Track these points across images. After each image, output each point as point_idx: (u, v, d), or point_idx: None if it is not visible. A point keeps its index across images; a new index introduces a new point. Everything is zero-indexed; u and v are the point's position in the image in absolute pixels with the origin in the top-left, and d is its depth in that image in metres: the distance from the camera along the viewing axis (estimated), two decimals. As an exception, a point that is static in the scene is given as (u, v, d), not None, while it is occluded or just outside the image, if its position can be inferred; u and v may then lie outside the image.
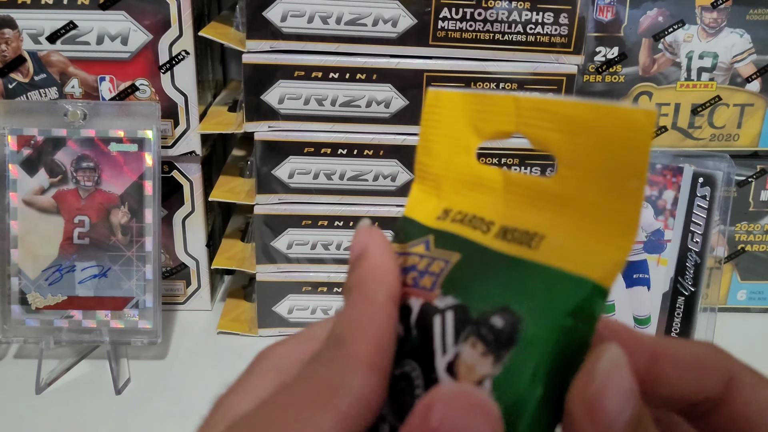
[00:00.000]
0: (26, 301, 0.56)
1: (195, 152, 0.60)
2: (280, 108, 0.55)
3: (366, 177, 0.57)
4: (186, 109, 0.59)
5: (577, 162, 0.18)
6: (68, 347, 0.58)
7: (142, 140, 0.55)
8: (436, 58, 0.54)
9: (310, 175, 0.57)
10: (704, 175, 0.55)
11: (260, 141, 0.56)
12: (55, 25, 0.56)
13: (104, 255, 0.56)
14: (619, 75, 0.59)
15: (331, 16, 0.53)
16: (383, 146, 0.56)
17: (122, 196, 0.56)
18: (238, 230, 0.67)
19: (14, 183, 0.55)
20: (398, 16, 0.53)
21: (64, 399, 0.54)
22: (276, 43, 0.53)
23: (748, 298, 0.67)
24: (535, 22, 0.53)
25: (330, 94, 0.55)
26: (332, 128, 0.56)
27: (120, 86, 0.58)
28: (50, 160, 0.55)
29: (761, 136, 0.62)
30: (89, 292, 0.56)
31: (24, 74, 0.57)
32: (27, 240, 0.56)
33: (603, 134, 0.17)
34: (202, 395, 0.55)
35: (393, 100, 0.55)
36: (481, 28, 0.54)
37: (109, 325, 0.56)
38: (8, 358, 0.58)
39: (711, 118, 0.61)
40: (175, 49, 0.57)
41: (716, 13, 0.58)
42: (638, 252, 0.57)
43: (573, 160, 0.18)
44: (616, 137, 0.17)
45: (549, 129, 0.19)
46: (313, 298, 0.61)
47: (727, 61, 0.59)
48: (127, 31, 0.56)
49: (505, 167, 0.58)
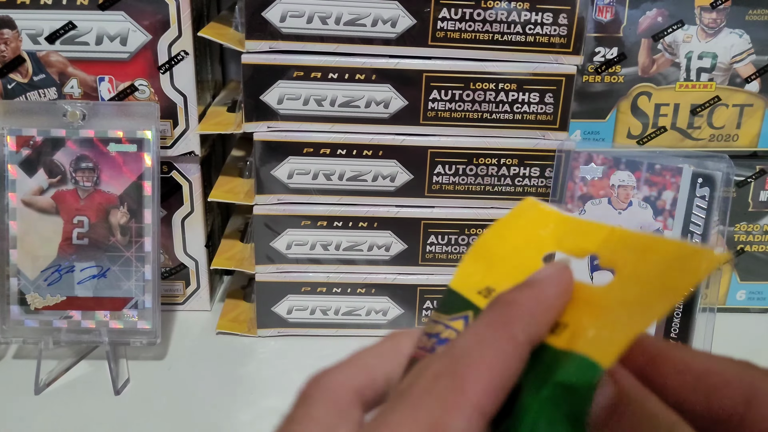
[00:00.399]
0: (25, 302, 0.56)
1: (194, 152, 0.60)
2: (279, 108, 0.55)
3: (365, 177, 0.57)
4: (185, 109, 0.58)
5: (633, 277, 0.19)
6: (67, 348, 0.58)
7: (141, 140, 0.55)
8: (436, 58, 0.54)
9: (309, 175, 0.57)
10: (703, 175, 0.55)
11: (259, 141, 0.56)
12: (54, 26, 0.55)
13: (103, 255, 0.56)
14: (618, 75, 0.59)
15: (331, 16, 0.53)
16: (382, 146, 0.56)
17: (121, 197, 0.56)
18: (237, 231, 0.67)
19: (13, 183, 0.55)
20: (397, 17, 0.53)
21: (63, 399, 0.54)
22: (275, 44, 0.53)
23: (747, 299, 0.67)
24: (534, 23, 0.53)
25: (329, 94, 0.55)
26: (331, 128, 0.56)
27: (119, 86, 0.58)
28: (49, 160, 0.55)
29: (760, 137, 0.62)
30: (88, 292, 0.56)
31: (23, 75, 0.57)
32: (26, 240, 0.55)
33: (667, 259, 0.18)
34: (201, 396, 0.55)
35: (392, 101, 0.55)
36: (480, 28, 0.54)
37: (108, 325, 0.56)
38: (7, 359, 0.58)
39: (710, 119, 0.61)
40: (175, 49, 0.57)
41: (715, 14, 0.58)
42: (637, 252, 0.57)
43: (630, 276, 0.19)
44: (676, 267, 0.18)
45: (624, 250, 0.20)
46: (312, 298, 0.61)
47: (727, 61, 0.59)
48: (126, 31, 0.56)
49: (504, 167, 0.58)
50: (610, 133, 0.60)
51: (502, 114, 0.56)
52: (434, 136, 0.57)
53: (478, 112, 0.56)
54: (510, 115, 0.56)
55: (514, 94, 0.56)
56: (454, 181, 0.58)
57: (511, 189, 0.58)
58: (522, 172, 0.58)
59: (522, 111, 0.56)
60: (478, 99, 0.56)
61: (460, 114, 0.56)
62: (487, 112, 0.56)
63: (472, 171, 0.58)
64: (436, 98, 0.55)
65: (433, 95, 0.55)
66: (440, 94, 0.55)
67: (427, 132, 0.56)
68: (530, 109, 0.56)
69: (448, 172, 0.57)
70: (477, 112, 0.56)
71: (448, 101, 0.55)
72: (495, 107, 0.56)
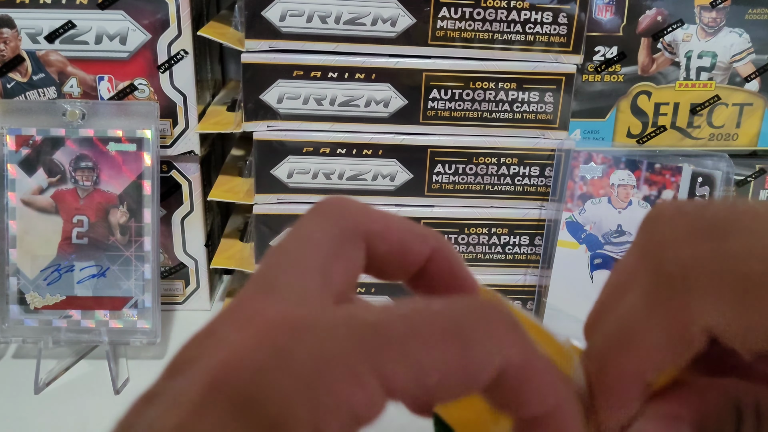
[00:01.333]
0: (25, 301, 0.56)
1: (194, 152, 0.60)
2: (279, 107, 0.55)
3: (365, 176, 0.57)
4: (185, 108, 0.58)
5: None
6: (67, 347, 0.58)
7: (140, 140, 0.55)
8: (435, 57, 0.54)
9: (309, 174, 0.57)
10: (703, 174, 0.55)
11: (259, 141, 0.56)
12: (53, 25, 0.55)
13: (103, 255, 0.56)
14: (618, 74, 0.59)
15: (330, 15, 0.53)
16: (382, 146, 0.56)
17: (121, 196, 0.56)
18: (237, 230, 0.67)
19: (13, 183, 0.55)
20: (397, 16, 0.53)
21: (62, 399, 0.54)
22: (275, 43, 0.53)
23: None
24: (534, 22, 0.53)
25: (329, 93, 0.55)
26: (331, 128, 0.56)
27: (119, 86, 0.58)
28: (49, 159, 0.55)
29: (760, 136, 0.62)
30: (88, 291, 0.56)
31: (22, 74, 0.57)
32: (25, 240, 0.55)
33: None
34: (201, 395, 0.55)
35: (392, 100, 0.55)
36: (480, 27, 0.54)
37: (107, 325, 0.56)
38: (7, 358, 0.58)
39: (710, 118, 0.61)
40: (174, 48, 0.57)
41: (715, 13, 0.58)
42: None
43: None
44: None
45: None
46: (312, 297, 0.61)
47: (726, 60, 0.59)
48: (126, 30, 0.56)
49: (504, 166, 0.58)
50: (610, 132, 0.60)
51: (502, 113, 0.56)
52: (434, 136, 0.57)
53: (478, 112, 0.56)
54: (510, 115, 0.56)
55: (513, 94, 0.56)
56: (454, 180, 0.58)
57: (511, 188, 0.58)
58: (522, 171, 0.58)
59: (522, 110, 0.56)
60: (477, 98, 0.56)
61: (459, 113, 0.56)
62: (486, 112, 0.56)
63: (472, 170, 0.58)
64: (435, 97, 0.55)
65: (433, 94, 0.55)
66: (440, 94, 0.55)
67: (427, 131, 0.56)
68: (530, 108, 0.56)
69: (448, 171, 0.57)
70: (477, 111, 0.56)
71: (447, 100, 0.55)
72: (495, 106, 0.56)
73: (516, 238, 0.60)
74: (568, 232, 0.58)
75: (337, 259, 0.19)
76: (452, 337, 0.16)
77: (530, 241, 0.60)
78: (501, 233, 0.60)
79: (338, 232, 0.19)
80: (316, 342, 0.15)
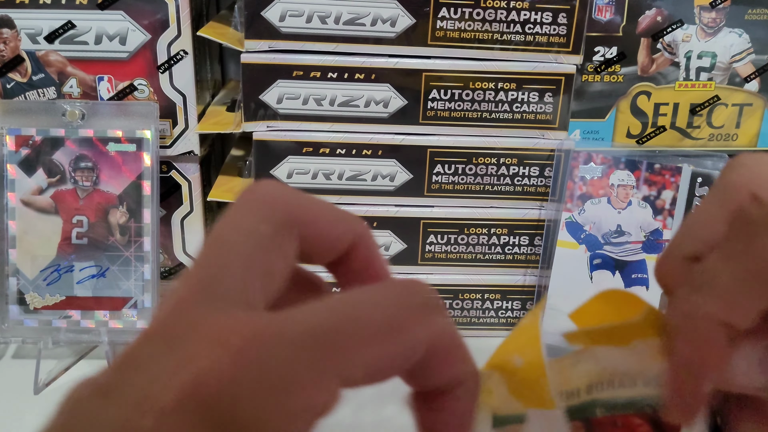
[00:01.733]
0: (24, 302, 0.56)
1: (193, 152, 0.60)
2: (278, 108, 0.55)
3: (365, 177, 0.57)
4: (184, 108, 0.58)
5: None
6: (67, 347, 0.58)
7: (140, 140, 0.55)
8: (435, 57, 0.54)
9: (308, 175, 0.57)
10: (703, 174, 0.55)
11: (259, 141, 0.56)
12: (53, 25, 0.55)
13: (102, 255, 0.56)
14: (617, 75, 0.59)
15: (330, 15, 0.53)
16: (382, 146, 0.56)
17: (120, 196, 0.56)
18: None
19: (12, 183, 0.55)
20: (397, 16, 0.53)
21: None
22: (274, 43, 0.53)
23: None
24: (534, 22, 0.53)
25: (329, 93, 0.55)
26: (331, 128, 0.56)
27: (118, 86, 0.58)
28: (48, 160, 0.55)
29: (760, 136, 0.62)
30: (88, 292, 0.56)
31: (22, 74, 0.57)
32: (25, 240, 0.55)
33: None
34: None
35: (391, 100, 0.55)
36: (479, 27, 0.54)
37: (107, 325, 0.56)
38: (6, 359, 0.58)
39: (710, 118, 0.61)
40: (174, 48, 0.57)
41: (715, 13, 0.58)
42: (637, 252, 0.57)
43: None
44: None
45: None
46: (311, 298, 0.61)
47: (726, 60, 0.59)
48: (126, 30, 0.56)
49: (504, 166, 0.58)
50: (610, 132, 0.60)
51: (502, 113, 0.56)
52: (434, 136, 0.57)
53: (478, 112, 0.56)
54: (509, 115, 0.56)
55: (513, 94, 0.56)
56: (454, 180, 0.58)
57: (511, 188, 0.58)
58: (521, 171, 0.58)
59: (521, 110, 0.56)
60: (477, 98, 0.56)
61: (459, 113, 0.56)
62: (486, 112, 0.56)
63: (472, 170, 0.58)
64: (435, 98, 0.55)
65: (433, 95, 0.55)
66: (440, 94, 0.55)
67: (427, 131, 0.56)
68: (530, 108, 0.56)
69: (448, 171, 0.57)
70: (476, 111, 0.56)
71: (447, 101, 0.55)
72: (494, 107, 0.56)
73: (516, 238, 0.60)
74: (568, 233, 0.58)
75: (275, 252, 0.19)
76: (395, 329, 0.18)
77: (530, 242, 0.60)
78: (501, 233, 0.60)
79: (274, 222, 0.19)
80: (281, 352, 0.16)
